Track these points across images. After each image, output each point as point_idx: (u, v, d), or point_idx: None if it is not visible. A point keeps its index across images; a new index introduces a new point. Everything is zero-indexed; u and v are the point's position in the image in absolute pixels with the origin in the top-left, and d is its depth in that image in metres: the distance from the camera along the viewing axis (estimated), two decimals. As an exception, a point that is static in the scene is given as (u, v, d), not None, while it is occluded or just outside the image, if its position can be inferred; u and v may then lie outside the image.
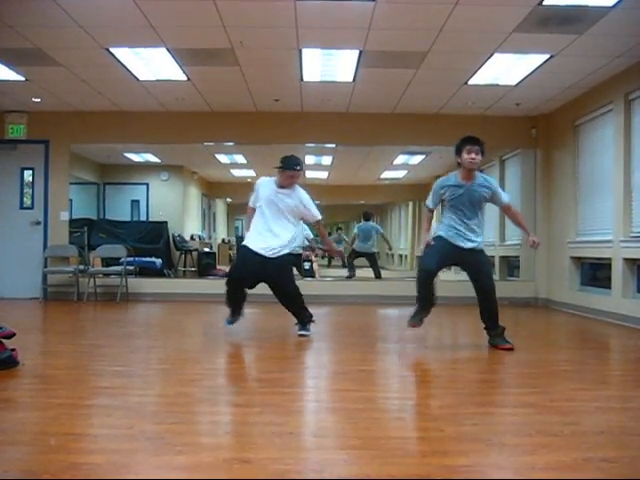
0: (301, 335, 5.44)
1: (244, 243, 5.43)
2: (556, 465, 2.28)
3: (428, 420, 3.08)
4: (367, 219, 12.15)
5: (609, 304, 7.14)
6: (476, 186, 4.84)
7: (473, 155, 4.74)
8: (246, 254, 5.34)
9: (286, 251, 5.38)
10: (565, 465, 2.28)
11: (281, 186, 5.41)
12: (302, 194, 5.50)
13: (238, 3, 5.26)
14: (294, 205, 5.43)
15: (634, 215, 6.80)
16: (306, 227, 10.94)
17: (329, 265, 16.02)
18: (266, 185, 5.49)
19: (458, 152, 4.83)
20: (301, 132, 9.22)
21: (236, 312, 5.50)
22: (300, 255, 10.77)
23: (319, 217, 5.58)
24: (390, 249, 14.99)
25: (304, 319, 5.52)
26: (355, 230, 12.40)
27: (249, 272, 5.30)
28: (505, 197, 5.09)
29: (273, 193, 5.39)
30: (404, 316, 7.95)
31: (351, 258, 11.79)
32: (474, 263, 4.92)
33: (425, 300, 4.93)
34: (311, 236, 10.96)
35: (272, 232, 5.34)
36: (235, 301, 5.45)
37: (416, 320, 4.98)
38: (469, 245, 4.84)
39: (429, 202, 5.07)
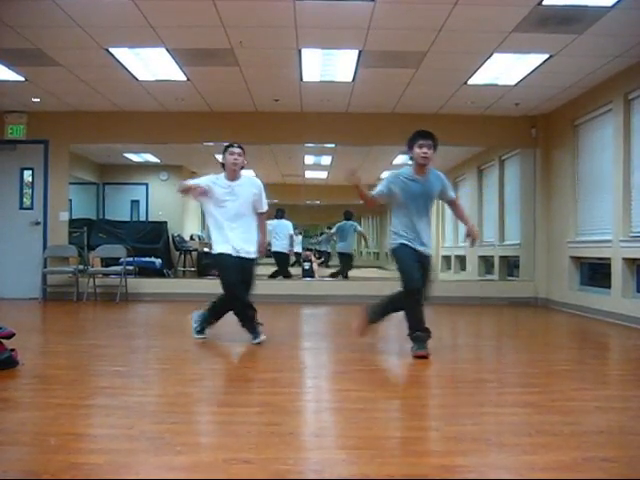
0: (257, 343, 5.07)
1: (221, 251, 5.01)
2: (556, 465, 2.28)
3: (427, 420, 3.08)
4: (347, 218, 12.09)
5: (609, 304, 7.14)
6: (430, 181, 4.67)
7: (425, 150, 4.57)
8: (229, 259, 4.99)
9: (256, 254, 5.14)
10: (565, 465, 2.28)
11: (231, 178, 5.07)
12: (258, 181, 5.20)
13: (237, 3, 5.26)
14: (253, 194, 5.10)
15: (633, 215, 6.80)
16: (289, 225, 10.95)
17: (327, 265, 16.01)
18: (217, 182, 5.06)
19: (410, 147, 4.64)
20: (301, 132, 9.22)
21: (214, 321, 5.25)
22: (285, 254, 10.80)
23: (267, 208, 5.24)
24: (367, 246, 14.94)
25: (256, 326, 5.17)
26: (333, 229, 12.41)
27: (239, 273, 5.00)
28: (453, 192, 4.90)
29: (228, 187, 5.03)
30: (403, 316, 7.97)
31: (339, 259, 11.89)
32: (424, 269, 4.66)
33: (421, 321, 4.60)
34: (291, 231, 10.98)
35: (237, 233, 5.02)
36: (227, 310, 5.15)
37: (424, 347, 4.55)
38: (424, 250, 4.65)
39: (376, 190, 4.67)
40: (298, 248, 12.76)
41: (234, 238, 5.00)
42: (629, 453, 2.46)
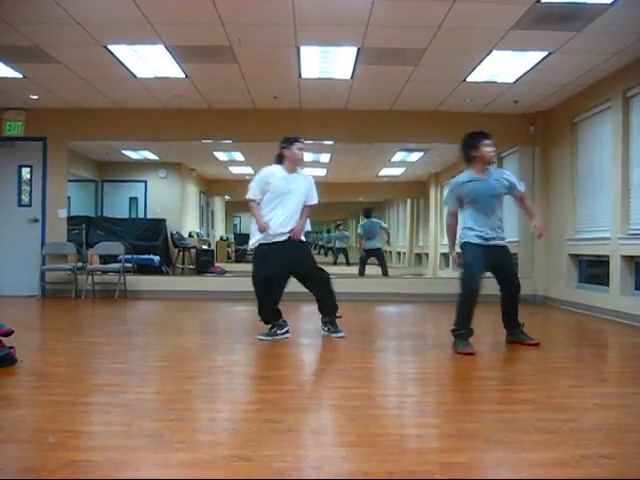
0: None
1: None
2: (554, 462, 2.29)
3: (426, 417, 3.09)
4: (368, 216, 11.95)
5: (607, 301, 7.15)
6: (493, 179, 4.82)
7: (490, 148, 4.76)
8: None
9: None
10: (563, 462, 2.29)
11: (292, 171, 5.24)
12: (309, 177, 5.40)
13: (236, 0, 5.25)
14: (307, 188, 5.28)
15: (632, 212, 6.81)
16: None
17: (335, 263, 16.01)
18: (276, 173, 5.22)
19: (474, 147, 4.75)
20: (299, 129, 9.11)
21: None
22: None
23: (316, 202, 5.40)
24: (388, 243, 14.81)
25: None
26: (360, 230, 12.08)
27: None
28: (521, 186, 5.06)
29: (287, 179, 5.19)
30: (403, 313, 7.99)
31: (364, 259, 11.67)
32: (500, 260, 4.87)
33: (469, 319, 4.80)
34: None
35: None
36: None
37: (467, 345, 4.68)
38: (497, 242, 4.85)
39: (448, 203, 4.94)
40: None
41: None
42: (627, 450, 2.47)
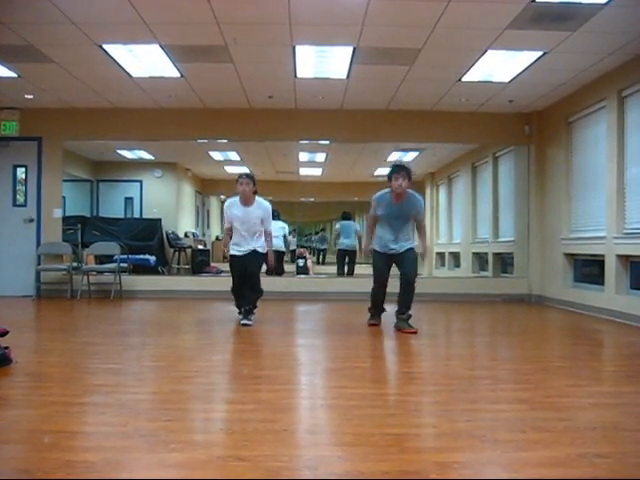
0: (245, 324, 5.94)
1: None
2: (549, 461, 2.29)
3: (422, 416, 3.09)
4: (347, 218, 11.82)
5: (602, 300, 7.17)
6: (406, 205, 5.65)
7: (400, 181, 5.51)
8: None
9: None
10: (558, 461, 2.29)
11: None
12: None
13: (231, 0, 5.25)
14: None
15: (627, 212, 6.83)
16: (285, 225, 10.84)
17: (322, 262, 16.00)
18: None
19: (388, 179, 5.59)
20: (295, 129, 9.21)
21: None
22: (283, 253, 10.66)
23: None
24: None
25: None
26: (337, 226, 12.02)
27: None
28: (423, 218, 6.04)
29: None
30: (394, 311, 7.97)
31: (340, 258, 11.62)
32: (402, 258, 5.73)
33: (379, 307, 6.09)
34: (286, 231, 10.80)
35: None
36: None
37: (375, 320, 6.09)
38: (400, 249, 5.70)
39: (371, 211, 5.83)
40: (292, 246, 12.68)
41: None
42: (622, 449, 2.47)
